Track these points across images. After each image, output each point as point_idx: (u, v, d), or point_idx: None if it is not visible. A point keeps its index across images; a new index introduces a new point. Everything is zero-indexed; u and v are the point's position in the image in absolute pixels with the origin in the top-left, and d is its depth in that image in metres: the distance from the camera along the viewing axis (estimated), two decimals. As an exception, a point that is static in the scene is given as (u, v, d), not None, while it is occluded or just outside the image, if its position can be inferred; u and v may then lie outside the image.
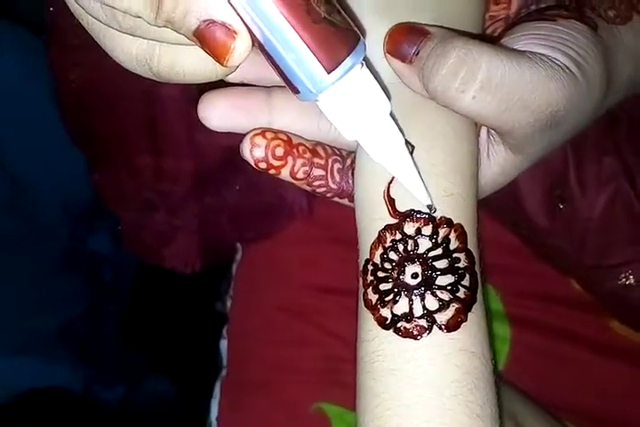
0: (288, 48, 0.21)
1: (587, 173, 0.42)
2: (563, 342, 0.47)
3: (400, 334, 0.24)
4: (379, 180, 0.25)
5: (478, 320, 0.24)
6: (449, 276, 0.24)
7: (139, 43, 0.22)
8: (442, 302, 0.24)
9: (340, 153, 0.28)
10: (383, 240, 0.24)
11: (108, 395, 0.75)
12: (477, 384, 0.23)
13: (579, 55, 0.25)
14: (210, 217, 0.50)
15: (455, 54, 0.23)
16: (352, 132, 0.23)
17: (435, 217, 0.24)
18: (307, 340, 0.48)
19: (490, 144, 0.27)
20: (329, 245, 0.49)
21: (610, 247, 0.43)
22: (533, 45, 0.25)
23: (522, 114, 0.24)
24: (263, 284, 0.51)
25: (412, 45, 0.24)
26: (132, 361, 0.78)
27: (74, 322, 0.74)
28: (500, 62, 0.23)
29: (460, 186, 0.25)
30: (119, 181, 0.49)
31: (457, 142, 0.25)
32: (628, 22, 0.28)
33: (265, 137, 0.26)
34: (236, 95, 0.26)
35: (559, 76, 0.24)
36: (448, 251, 0.24)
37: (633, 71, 0.28)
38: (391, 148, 0.24)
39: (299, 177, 0.27)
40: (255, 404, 0.48)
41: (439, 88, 0.23)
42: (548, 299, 0.48)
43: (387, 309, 0.24)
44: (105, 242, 0.78)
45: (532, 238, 0.46)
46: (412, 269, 0.24)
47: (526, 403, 0.44)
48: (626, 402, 0.46)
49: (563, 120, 0.25)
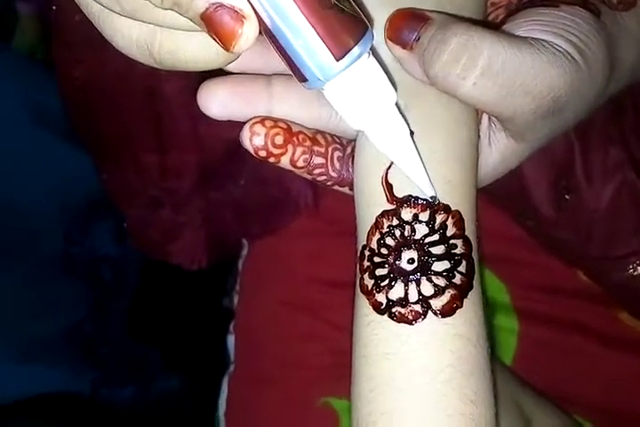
0: (296, 34, 0.20)
1: (593, 164, 0.42)
2: (570, 334, 0.47)
3: (395, 318, 0.24)
4: (377, 166, 0.25)
5: (474, 307, 0.24)
6: (445, 262, 0.24)
7: (140, 27, 0.21)
8: (437, 288, 0.24)
9: (341, 141, 0.28)
10: (380, 226, 0.24)
11: (117, 395, 0.75)
12: (472, 370, 0.23)
13: (581, 41, 0.25)
14: (215, 212, 0.50)
15: (456, 40, 0.23)
16: (357, 122, 0.23)
17: (432, 203, 0.24)
18: (314, 334, 0.48)
19: (491, 131, 0.27)
20: (335, 239, 0.48)
21: (616, 238, 0.43)
22: (535, 31, 0.25)
23: (523, 100, 0.24)
24: (269, 279, 0.51)
25: (412, 31, 0.24)
26: (141, 360, 0.79)
27: (80, 324, 0.74)
28: (501, 48, 0.23)
29: (459, 173, 0.25)
30: (125, 179, 0.49)
31: (457, 129, 0.25)
32: (632, 9, 0.28)
33: (264, 125, 0.26)
34: (236, 83, 0.26)
35: (561, 62, 0.24)
36: (445, 237, 0.24)
37: (636, 58, 0.28)
38: (396, 137, 0.24)
39: (299, 165, 0.27)
40: (263, 399, 0.48)
41: (440, 74, 0.23)
42: (556, 291, 0.47)
43: (382, 294, 0.24)
44: (104, 241, 0.78)
45: (538, 230, 0.46)
46: (409, 254, 0.24)
47: (534, 395, 0.44)
48: (634, 394, 0.46)
49: (564, 106, 0.25)
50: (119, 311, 0.78)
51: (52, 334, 0.72)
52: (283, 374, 0.48)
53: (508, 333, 0.47)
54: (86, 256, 0.77)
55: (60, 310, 0.73)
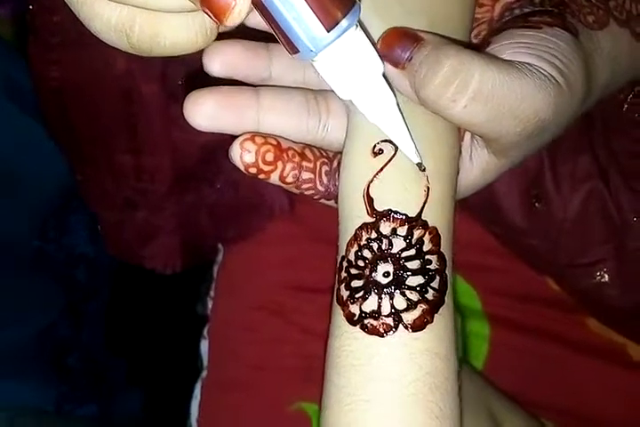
0: (288, 5, 0.21)
1: (562, 173, 0.43)
2: (540, 340, 0.48)
3: (366, 330, 0.24)
4: (360, 179, 0.25)
5: (445, 322, 0.24)
6: (419, 277, 0.24)
7: (119, 11, 0.21)
8: (410, 302, 0.24)
9: (328, 155, 0.28)
10: (359, 238, 0.25)
11: (80, 412, 0.73)
12: (438, 385, 0.24)
13: (563, 64, 0.25)
14: (190, 216, 0.50)
15: (449, 63, 0.23)
16: (347, 92, 0.24)
17: (411, 218, 0.25)
18: (286, 339, 0.48)
19: (473, 148, 0.28)
20: (309, 244, 0.49)
21: (584, 246, 0.44)
22: (520, 54, 0.25)
23: (510, 123, 0.24)
24: (244, 283, 0.51)
25: (405, 51, 0.24)
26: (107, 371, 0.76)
27: (51, 328, 0.71)
28: (491, 73, 0.24)
29: (438, 190, 0.25)
30: (100, 180, 0.49)
31: (439, 146, 0.26)
32: (605, 28, 0.29)
33: (255, 142, 0.26)
34: (224, 93, 0.26)
35: (546, 86, 0.24)
36: (421, 252, 0.24)
37: (609, 76, 0.29)
38: (383, 107, 0.24)
39: (288, 181, 0.27)
40: (236, 403, 0.48)
41: (431, 96, 0.24)
42: (526, 298, 0.48)
43: (356, 305, 0.24)
44: (79, 240, 0.75)
45: (508, 237, 0.47)
46: (385, 267, 0.24)
47: (504, 400, 0.44)
48: (601, 399, 0.47)
49: (547, 128, 0.25)
50: (93, 315, 0.76)
51: (20, 344, 0.69)
52: (256, 379, 0.48)
53: (479, 338, 0.48)
54: (61, 255, 0.74)
55: (29, 315, 0.71)
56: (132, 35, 0.22)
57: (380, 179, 0.25)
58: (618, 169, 0.42)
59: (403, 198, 0.25)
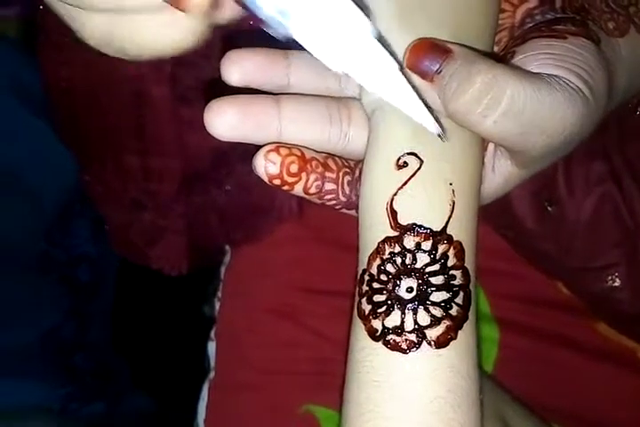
0: None
1: (575, 176, 0.43)
2: (550, 344, 0.47)
3: (389, 346, 0.24)
4: (383, 191, 0.25)
5: (467, 339, 0.24)
6: (443, 292, 0.24)
7: (98, 18, 0.21)
8: (434, 318, 0.24)
9: (349, 164, 0.28)
10: (382, 252, 0.24)
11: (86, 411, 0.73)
12: (460, 403, 0.23)
13: (589, 76, 0.25)
14: (198, 217, 0.50)
15: (481, 79, 0.23)
16: (337, 63, 0.22)
17: (436, 232, 0.24)
18: (296, 342, 0.48)
19: (496, 158, 0.27)
20: (318, 246, 0.49)
21: (596, 250, 0.43)
22: (548, 66, 0.25)
23: (539, 138, 0.24)
24: (252, 285, 0.51)
25: (433, 63, 0.24)
26: (115, 371, 0.76)
27: (56, 329, 0.71)
28: (522, 88, 0.23)
29: (463, 203, 0.25)
30: (107, 181, 0.49)
31: (464, 159, 0.25)
32: (626, 35, 0.28)
33: (279, 153, 0.26)
34: (245, 103, 0.26)
35: (574, 101, 0.24)
36: (445, 267, 0.24)
37: (628, 82, 0.29)
38: (384, 74, 0.23)
39: (311, 192, 0.27)
40: (243, 406, 0.48)
41: (461, 110, 0.23)
42: (536, 302, 0.48)
43: (378, 320, 0.24)
44: (82, 239, 0.75)
45: (519, 241, 0.46)
46: (408, 282, 0.24)
47: (514, 404, 0.44)
48: (611, 403, 0.47)
49: (573, 140, 0.25)
50: (99, 315, 0.75)
51: (26, 344, 0.68)
52: (264, 381, 0.47)
53: (488, 342, 0.47)
54: (65, 256, 0.74)
55: (35, 317, 0.70)
56: (113, 40, 0.22)
57: (404, 192, 0.25)
58: (631, 173, 0.42)
59: (427, 212, 0.25)
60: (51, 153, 0.65)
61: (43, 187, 0.72)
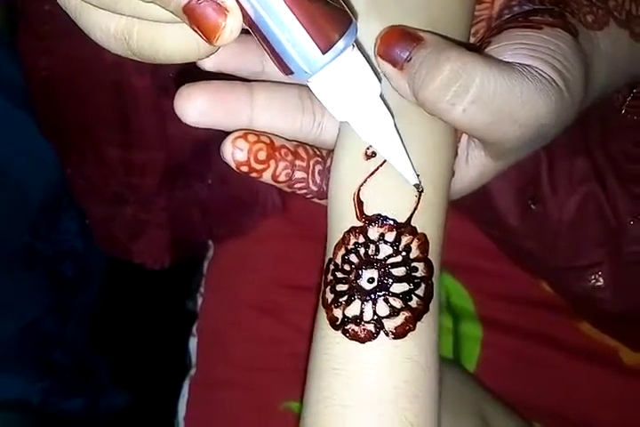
0: (282, 27, 0.20)
1: (558, 174, 0.42)
2: (533, 343, 0.47)
3: (348, 335, 0.24)
4: (350, 182, 0.25)
5: (428, 330, 0.24)
6: (404, 284, 0.24)
7: (117, 19, 0.21)
8: (393, 309, 0.24)
9: (321, 154, 0.27)
10: (347, 242, 0.24)
11: (65, 406, 0.72)
12: (416, 394, 0.24)
13: (564, 67, 0.25)
14: (180, 211, 0.50)
15: (449, 67, 0.23)
16: (342, 113, 0.23)
17: (400, 224, 0.24)
18: (277, 338, 0.47)
19: (470, 150, 0.27)
20: (301, 241, 0.48)
21: (580, 249, 0.43)
22: (521, 56, 0.25)
23: (510, 128, 0.24)
24: (234, 281, 0.50)
25: (404, 50, 0.24)
26: (94, 368, 0.75)
27: (36, 322, 0.70)
28: (492, 76, 0.23)
29: (431, 195, 0.25)
30: (88, 174, 0.48)
31: (435, 150, 0.25)
32: (605, 28, 0.28)
33: (247, 140, 0.25)
34: (217, 89, 0.26)
35: (547, 91, 0.24)
36: (407, 259, 0.24)
37: (607, 76, 0.28)
38: (380, 128, 0.24)
39: (280, 180, 0.26)
40: (224, 402, 0.47)
41: (430, 98, 0.23)
42: (519, 300, 0.48)
43: (339, 309, 0.24)
44: (68, 236, 0.74)
45: (502, 239, 0.46)
46: (370, 273, 0.24)
47: (495, 403, 0.44)
48: (592, 403, 0.47)
49: (547, 132, 0.25)
50: (80, 311, 0.75)
51: (5, 337, 0.68)
52: (245, 378, 0.47)
53: (471, 340, 0.47)
54: (51, 250, 0.73)
55: (16, 309, 0.70)
56: (131, 43, 0.21)
57: (371, 182, 0.25)
58: (615, 172, 0.42)
59: (393, 203, 0.24)
60: (36, 146, 0.65)
61: (27, 180, 0.71)
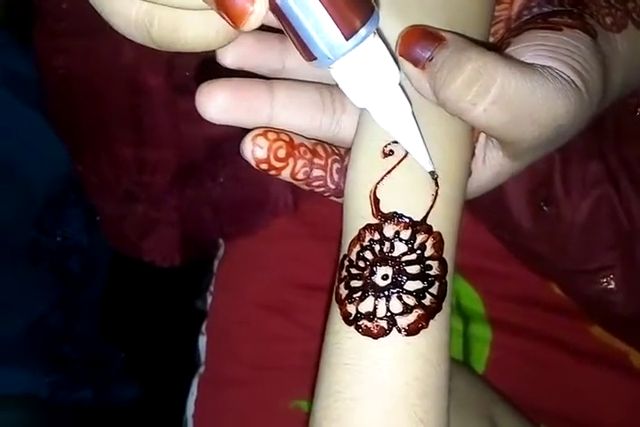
0: (307, 13, 0.20)
1: (571, 177, 0.42)
2: (542, 346, 0.47)
3: (360, 331, 0.24)
4: (367, 179, 0.25)
5: (440, 329, 0.24)
6: (418, 282, 0.24)
7: (138, 5, 0.21)
8: (406, 307, 0.24)
9: (339, 152, 0.27)
10: (362, 239, 0.25)
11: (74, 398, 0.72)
12: (426, 391, 0.24)
13: (583, 68, 0.25)
14: (192, 210, 0.50)
15: (471, 66, 0.23)
16: (362, 100, 0.24)
17: (416, 222, 0.24)
18: (287, 337, 0.47)
19: (487, 150, 0.27)
20: (313, 241, 0.48)
21: (591, 252, 0.43)
22: (542, 57, 0.25)
23: (529, 128, 0.24)
24: (245, 280, 0.50)
25: (425, 50, 0.24)
26: (103, 361, 0.76)
27: (44, 318, 0.70)
28: (512, 77, 0.23)
29: (447, 193, 0.25)
30: (100, 171, 0.48)
31: (452, 148, 0.25)
32: (623, 30, 0.28)
33: (267, 138, 0.25)
34: (237, 86, 0.26)
35: (566, 92, 0.24)
36: (422, 257, 0.24)
37: (624, 78, 0.29)
38: (398, 115, 0.24)
39: (299, 178, 0.26)
40: (233, 401, 0.48)
41: (451, 98, 0.23)
42: (530, 303, 0.48)
43: (353, 305, 0.24)
44: (74, 231, 0.75)
45: (514, 242, 0.46)
46: (384, 270, 0.24)
47: (504, 405, 0.44)
48: (602, 406, 0.46)
49: (564, 132, 0.25)
50: (88, 305, 0.75)
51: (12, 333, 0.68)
52: (254, 377, 0.47)
53: (481, 342, 0.47)
54: (56, 245, 0.74)
55: (23, 305, 0.70)
56: (152, 30, 0.21)
57: (388, 180, 0.25)
58: (629, 175, 0.41)
59: (409, 201, 0.25)
60: (43, 142, 0.65)
61: (33, 174, 0.71)
